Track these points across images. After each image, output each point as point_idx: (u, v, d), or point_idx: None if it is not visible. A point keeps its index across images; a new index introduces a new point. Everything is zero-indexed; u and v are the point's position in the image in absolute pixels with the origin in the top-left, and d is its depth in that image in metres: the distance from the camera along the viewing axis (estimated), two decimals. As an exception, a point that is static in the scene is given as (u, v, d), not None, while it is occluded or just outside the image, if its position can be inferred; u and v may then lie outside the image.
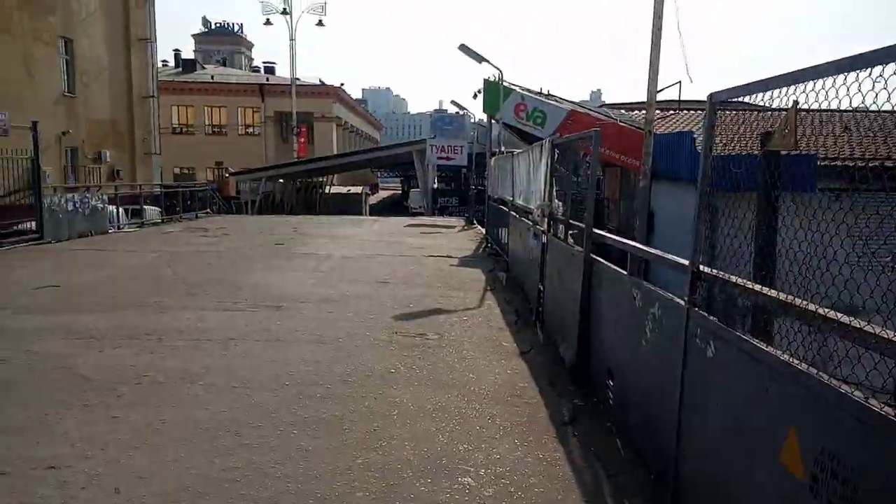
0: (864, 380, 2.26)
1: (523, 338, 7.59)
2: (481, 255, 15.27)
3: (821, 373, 2.45)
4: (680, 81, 22.88)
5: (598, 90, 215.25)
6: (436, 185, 39.28)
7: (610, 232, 7.60)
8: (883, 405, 2.11)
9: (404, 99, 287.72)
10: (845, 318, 2.35)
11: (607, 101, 34.70)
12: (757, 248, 3.85)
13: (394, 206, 50.11)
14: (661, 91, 14.17)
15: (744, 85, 3.22)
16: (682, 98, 23.31)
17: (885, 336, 2.15)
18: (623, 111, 24.24)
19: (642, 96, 11.40)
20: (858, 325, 2.28)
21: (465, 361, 6.60)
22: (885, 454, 2.05)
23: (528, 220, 9.70)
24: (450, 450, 4.48)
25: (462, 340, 7.41)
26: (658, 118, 16.28)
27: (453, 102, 43.70)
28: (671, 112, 21.94)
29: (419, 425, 4.90)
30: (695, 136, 14.75)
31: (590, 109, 24.16)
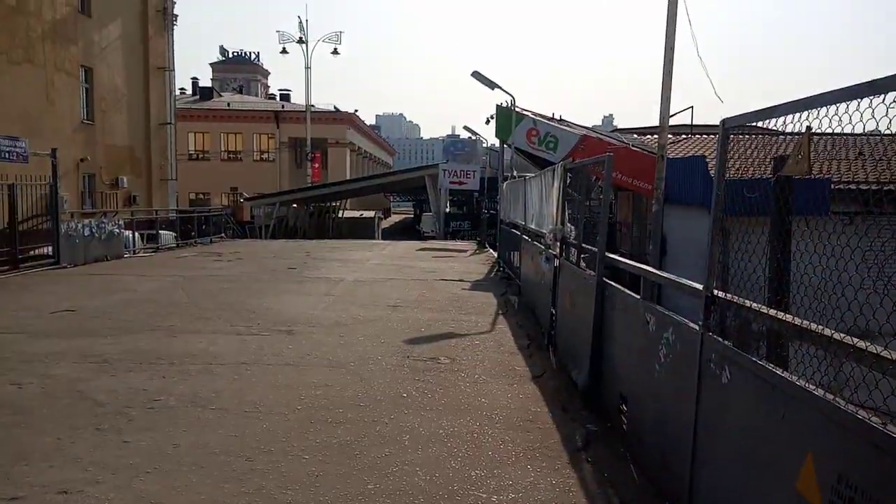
0: (882, 405, 2.22)
1: (535, 362, 7.54)
2: (493, 278, 15.25)
3: (837, 398, 2.41)
4: (692, 106, 22.94)
5: (611, 115, 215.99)
6: (448, 210, 39.40)
7: (622, 256, 7.57)
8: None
9: (417, 124, 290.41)
10: (861, 343, 2.32)
11: (619, 126, 34.75)
12: (771, 272, 3.82)
13: (406, 231, 50.29)
14: (673, 116, 14.20)
15: (757, 111, 3.23)
16: (694, 123, 23.33)
17: (902, 361, 2.12)
18: (635, 136, 24.30)
19: (654, 121, 11.43)
20: (875, 350, 2.25)
21: (478, 386, 6.56)
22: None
23: (541, 244, 9.69)
24: (462, 475, 4.44)
25: (474, 365, 7.37)
26: (670, 143, 16.29)
27: (466, 128, 43.94)
28: (683, 136, 21.97)
29: (431, 450, 4.86)
30: (707, 160, 14.75)
31: (602, 134, 24.22)
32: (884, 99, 2.23)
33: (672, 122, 13.81)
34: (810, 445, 2.51)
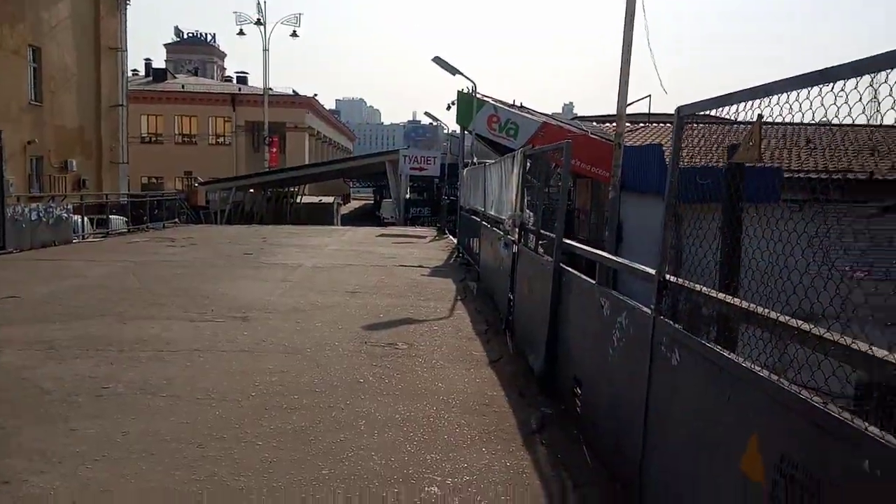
0: (824, 385, 2.28)
1: (493, 347, 7.58)
2: (452, 264, 15.27)
3: (781, 379, 2.47)
4: (650, 95, 23.28)
5: (571, 103, 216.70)
6: (408, 196, 39.24)
7: (580, 242, 7.64)
8: (841, 410, 2.13)
9: (378, 110, 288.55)
10: (805, 326, 2.38)
11: (579, 114, 35.06)
12: (722, 257, 3.89)
13: (366, 217, 49.96)
14: (631, 104, 14.35)
15: (712, 98, 3.26)
16: (651, 111, 23.67)
17: (843, 342, 2.18)
18: (594, 123, 24.55)
19: (613, 108, 11.53)
20: (818, 333, 2.30)
21: (435, 371, 6.56)
22: (843, 459, 2.07)
23: (500, 230, 9.72)
24: (417, 459, 4.44)
25: (432, 350, 7.37)
26: (628, 131, 16.49)
27: (427, 114, 43.66)
28: (641, 125, 22.27)
29: (387, 435, 4.85)
30: (664, 148, 14.97)
31: (562, 122, 24.38)
32: (832, 87, 2.27)
33: (630, 110, 13.96)
34: (755, 426, 2.57)
